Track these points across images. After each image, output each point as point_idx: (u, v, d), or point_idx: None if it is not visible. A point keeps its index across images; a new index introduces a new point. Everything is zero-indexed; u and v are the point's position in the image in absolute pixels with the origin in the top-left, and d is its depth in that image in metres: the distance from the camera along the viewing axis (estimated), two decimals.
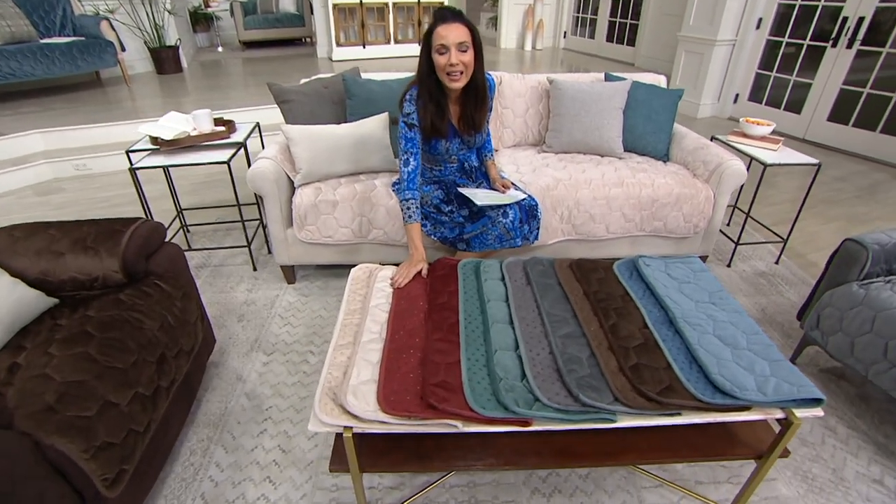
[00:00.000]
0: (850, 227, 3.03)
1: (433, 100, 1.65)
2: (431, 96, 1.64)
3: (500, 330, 1.27)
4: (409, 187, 1.66)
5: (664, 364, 1.19)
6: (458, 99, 1.73)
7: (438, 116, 1.67)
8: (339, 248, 2.17)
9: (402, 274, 1.48)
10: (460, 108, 1.75)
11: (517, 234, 1.85)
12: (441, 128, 1.69)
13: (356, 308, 1.40)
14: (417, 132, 1.66)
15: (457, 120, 1.77)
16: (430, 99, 1.64)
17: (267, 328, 2.03)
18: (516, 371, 1.15)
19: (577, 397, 1.07)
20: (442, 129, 1.70)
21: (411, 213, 1.66)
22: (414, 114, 1.65)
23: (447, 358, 1.17)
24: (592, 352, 1.22)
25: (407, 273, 1.49)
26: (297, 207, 2.03)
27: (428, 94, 1.64)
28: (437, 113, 1.66)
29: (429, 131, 1.69)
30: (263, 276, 2.38)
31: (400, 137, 1.67)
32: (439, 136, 1.72)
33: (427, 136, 1.71)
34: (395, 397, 1.06)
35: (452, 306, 1.36)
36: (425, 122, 1.66)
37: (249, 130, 2.40)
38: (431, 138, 1.73)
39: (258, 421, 1.60)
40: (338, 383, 1.13)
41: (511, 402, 1.04)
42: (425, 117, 1.66)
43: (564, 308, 1.36)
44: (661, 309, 1.39)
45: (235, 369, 1.81)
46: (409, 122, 1.65)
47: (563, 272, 1.52)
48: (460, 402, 1.05)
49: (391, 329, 1.27)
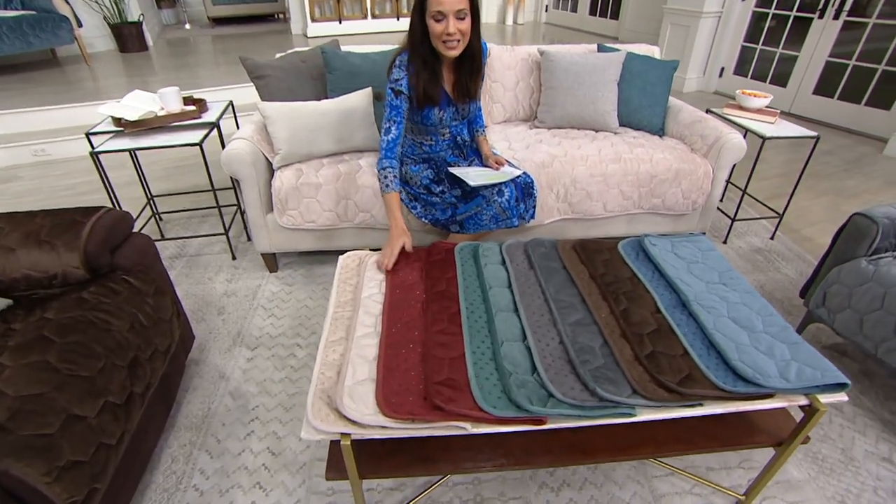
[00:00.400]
0: (840, 201, 3.01)
1: (427, 66, 1.52)
2: (425, 63, 1.52)
3: (504, 319, 1.18)
4: (388, 155, 1.55)
5: (681, 351, 1.11)
6: (452, 65, 1.61)
7: (432, 83, 1.55)
8: (323, 233, 2.05)
9: (387, 254, 1.38)
10: (454, 75, 1.63)
11: (513, 214, 1.75)
12: (434, 95, 1.57)
13: (347, 300, 1.29)
14: (404, 100, 1.54)
15: (450, 87, 1.65)
16: (424, 66, 1.52)
17: (250, 321, 1.91)
18: (526, 364, 1.06)
19: (593, 391, 0.99)
20: (435, 97, 1.58)
21: (389, 181, 1.55)
22: (403, 80, 1.52)
23: (450, 352, 1.08)
24: (605, 340, 1.14)
25: (391, 252, 1.38)
26: (276, 191, 1.89)
27: (421, 61, 1.51)
28: (431, 80, 1.54)
29: (421, 99, 1.57)
30: (243, 265, 2.24)
31: (385, 104, 1.55)
32: (432, 103, 1.60)
33: (420, 104, 1.59)
34: (397, 398, 0.97)
35: (452, 294, 1.26)
36: (417, 89, 1.54)
37: (222, 109, 2.23)
38: (424, 106, 1.61)
39: (244, 422, 1.49)
40: (331, 384, 1.03)
41: (524, 400, 0.96)
42: (417, 84, 1.53)
43: (571, 293, 1.28)
44: (673, 291, 1.32)
45: (217, 366, 1.69)
46: (396, 88, 1.52)
47: (566, 254, 1.43)
48: (468, 401, 0.96)
49: (387, 322, 1.17)
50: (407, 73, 1.53)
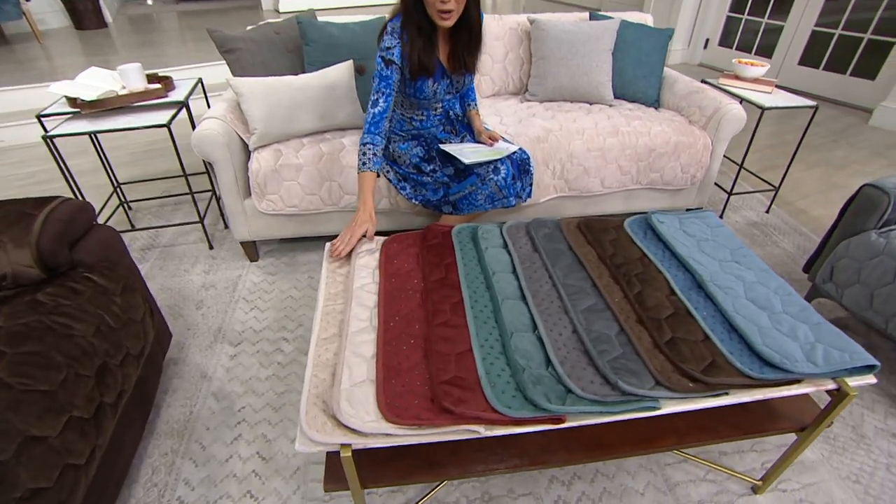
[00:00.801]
0: (831, 172, 2.98)
1: (422, 34, 1.39)
2: (420, 30, 1.39)
3: (512, 308, 1.08)
4: (372, 130, 1.43)
5: (701, 336, 1.04)
6: (447, 34, 1.48)
7: (427, 52, 1.42)
8: (306, 218, 1.92)
9: (345, 239, 1.29)
10: (450, 45, 1.50)
11: (510, 193, 1.65)
12: (429, 65, 1.44)
13: (337, 291, 1.18)
14: (395, 71, 1.41)
15: (445, 58, 1.52)
16: (419, 33, 1.39)
17: (231, 315, 1.78)
18: (539, 357, 0.97)
19: (615, 385, 0.91)
20: (430, 67, 1.45)
21: (368, 158, 1.43)
22: (396, 48, 1.39)
23: (456, 347, 0.98)
24: (621, 327, 1.06)
25: (350, 237, 1.29)
26: (254, 174, 1.75)
27: (416, 28, 1.38)
28: (426, 49, 1.41)
29: (416, 69, 1.44)
30: (222, 254, 2.10)
31: (374, 74, 1.41)
32: (427, 74, 1.47)
33: (413, 76, 1.46)
34: (400, 401, 0.87)
35: (452, 282, 1.16)
36: (412, 58, 1.41)
37: (191, 87, 2.06)
38: (418, 78, 1.48)
39: (230, 425, 1.38)
40: (326, 387, 0.93)
41: (541, 398, 0.87)
42: (412, 53, 1.40)
43: (581, 277, 1.19)
44: (686, 272, 1.24)
45: (198, 366, 1.57)
46: (387, 57, 1.39)
47: (571, 234, 1.34)
48: (480, 401, 0.87)
49: (383, 315, 1.06)
50: (400, 41, 1.39)
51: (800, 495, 1.26)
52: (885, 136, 3.52)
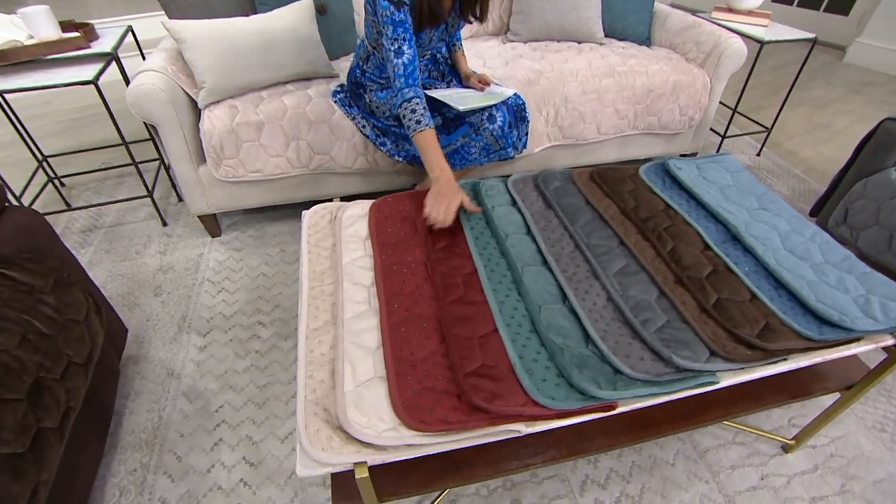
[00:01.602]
0: (813, 111, 2.92)
1: None
2: None
3: (535, 276, 0.93)
4: (410, 83, 1.16)
5: (748, 295, 0.92)
6: None
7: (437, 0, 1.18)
8: (273, 184, 1.68)
9: (440, 209, 1.02)
10: None
11: (507, 143, 1.46)
12: (440, 13, 1.20)
13: (324, 269, 0.99)
14: (407, 13, 1.14)
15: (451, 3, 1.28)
16: None
17: (196, 300, 1.57)
18: (576, 333, 0.83)
19: (668, 360, 0.78)
20: (441, 15, 1.21)
21: (419, 116, 1.16)
22: None
23: (477, 328, 0.82)
24: (661, 291, 0.92)
25: (447, 207, 1.03)
26: (207, 136, 1.50)
27: None
28: None
29: (425, 19, 1.19)
30: (178, 231, 1.85)
31: (385, 22, 1.14)
32: (435, 24, 1.23)
33: (420, 26, 1.21)
34: (421, 402, 0.71)
35: (460, 250, 0.99)
36: (421, 7, 1.17)
37: (119, 36, 1.74)
38: (424, 28, 1.23)
39: (208, 429, 1.20)
40: (326, 391, 0.75)
41: (590, 385, 0.73)
42: (422, 2, 1.16)
43: (606, 235, 1.04)
44: (717, 223, 1.11)
45: (163, 362, 1.37)
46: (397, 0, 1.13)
47: (586, 186, 1.18)
48: (517, 394, 0.72)
49: (385, 295, 0.89)
50: None
51: (830, 450, 1.21)
52: (861, 72, 3.48)
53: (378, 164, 1.67)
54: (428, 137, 1.15)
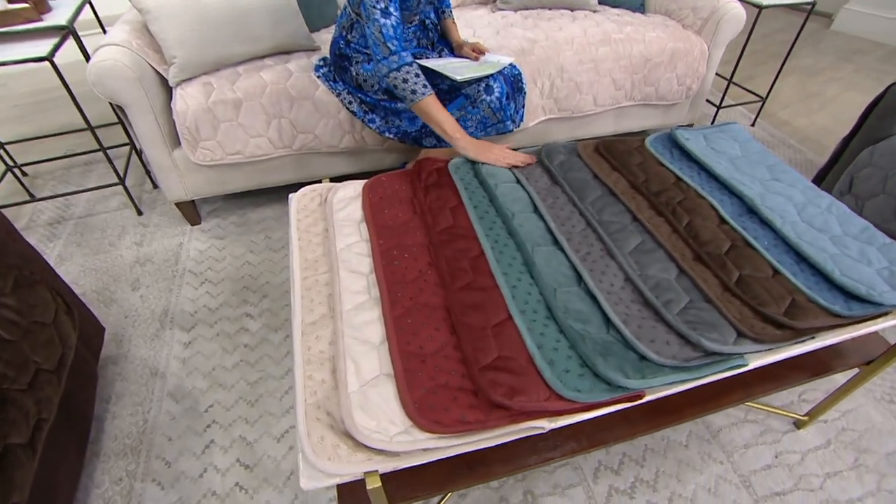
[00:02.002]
0: (805, 80, 2.88)
1: None
2: None
3: (546, 257, 0.86)
4: (400, 48, 1.08)
5: (770, 271, 0.87)
6: None
7: None
8: (255, 167, 1.58)
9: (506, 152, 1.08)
10: None
11: (506, 116, 1.38)
12: None
13: (316, 256, 0.91)
14: None
15: None
16: None
17: (178, 293, 1.47)
18: (596, 317, 0.77)
19: (697, 344, 0.72)
20: None
21: (416, 81, 1.10)
22: None
23: (489, 316, 0.76)
24: (680, 269, 0.86)
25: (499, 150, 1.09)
26: (180, 117, 1.38)
27: None
28: None
29: None
30: (154, 220, 1.74)
31: None
32: None
33: None
34: (434, 400, 0.65)
35: (465, 231, 0.92)
36: None
37: (76, 7, 1.59)
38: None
39: (198, 431, 1.13)
40: (327, 392, 0.68)
41: (617, 374, 0.67)
42: None
43: (617, 211, 0.97)
44: (731, 195, 1.05)
45: (145, 361, 1.28)
46: None
47: (592, 159, 1.11)
48: (538, 387, 0.66)
49: (386, 283, 0.81)
50: None
51: (841, 424, 1.19)
52: (849, 40, 3.44)
53: (366, 142, 1.57)
54: (433, 103, 1.09)
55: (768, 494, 1.05)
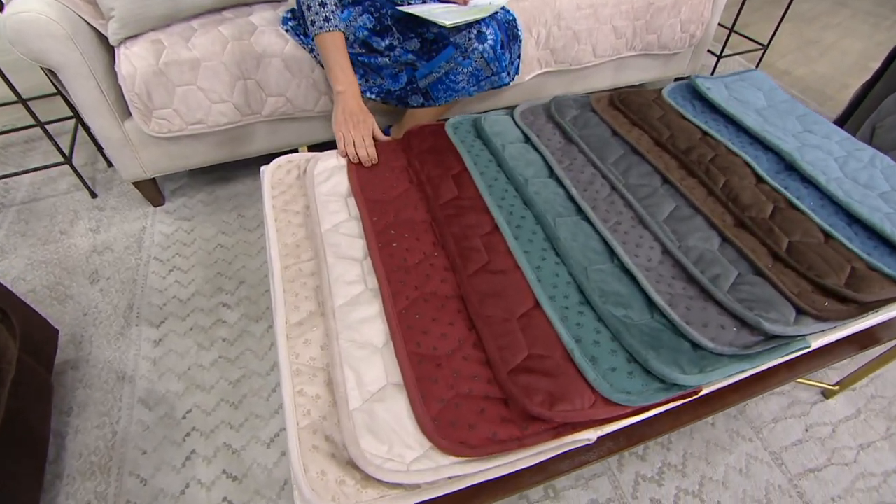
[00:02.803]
0: (804, 26, 2.75)
1: None
2: None
3: (571, 229, 0.73)
4: None
5: (821, 236, 0.76)
6: None
7: None
8: (221, 137, 1.40)
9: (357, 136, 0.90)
10: None
11: (500, 67, 1.22)
12: None
13: (298, 240, 0.77)
14: None
15: None
16: None
17: (143, 284, 1.31)
18: (636, 300, 0.65)
19: (756, 326, 0.62)
20: None
21: (330, 12, 0.97)
22: None
23: (514, 305, 0.63)
24: (723, 237, 0.75)
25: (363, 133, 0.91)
26: (127, 81, 1.19)
27: None
28: None
29: None
30: (111, 202, 1.55)
31: None
32: None
33: None
34: (457, 415, 0.53)
35: (472, 202, 0.78)
36: None
37: None
38: None
39: (176, 440, 1.00)
40: (324, 411, 0.56)
41: (672, 369, 0.56)
42: None
43: (644, 171, 0.85)
44: (765, 150, 0.94)
45: (110, 364, 1.13)
46: None
47: (609, 115, 0.97)
48: (582, 392, 0.55)
49: (384, 269, 0.68)
50: None
51: (870, 391, 1.12)
52: None
53: None
54: (336, 39, 0.98)
55: (802, 472, 0.98)
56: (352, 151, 0.87)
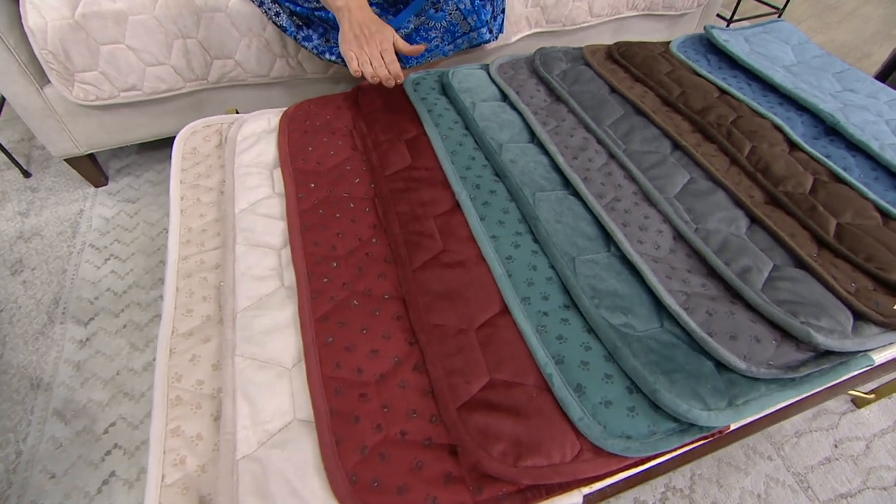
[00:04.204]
0: None
1: None
2: None
3: (555, 207, 0.56)
4: None
5: (878, 216, 0.60)
6: None
7: None
8: (162, 106, 1.22)
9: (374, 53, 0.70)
10: None
11: (479, 22, 1.04)
12: None
13: (205, 224, 0.60)
14: None
15: None
16: None
17: (73, 275, 1.15)
18: (640, 301, 0.48)
19: (804, 339, 0.45)
20: None
21: None
22: None
23: (472, 311, 0.47)
24: (752, 217, 0.58)
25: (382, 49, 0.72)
26: (37, 37, 1.00)
27: None
28: None
29: None
30: (47, 183, 1.38)
31: None
32: None
33: None
34: (381, 472, 0.37)
35: (428, 174, 0.61)
36: None
37: None
38: None
39: (94, 461, 0.85)
40: (204, 461, 0.40)
41: (691, 403, 0.40)
42: None
43: (649, 135, 0.68)
44: (799, 111, 0.76)
45: (24, 370, 0.97)
46: None
47: (605, 69, 0.79)
48: (562, 437, 0.39)
49: (306, 261, 0.51)
50: None
51: None
52: None
53: (304, 68, 1.21)
54: None
55: (832, 497, 0.83)
56: (369, 72, 0.68)
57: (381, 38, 0.72)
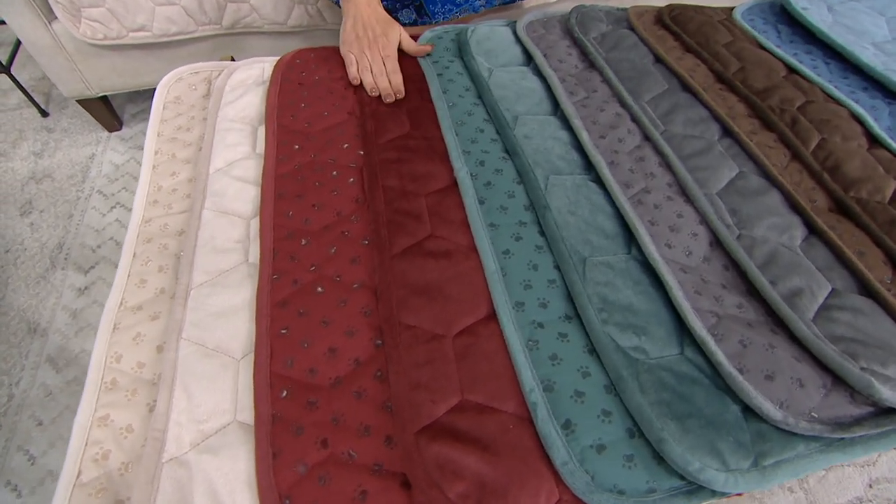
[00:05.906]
0: None
1: None
2: None
3: (569, 195, 0.48)
4: None
5: None
6: None
7: None
8: (175, 51, 1.16)
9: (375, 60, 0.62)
10: None
11: None
12: None
13: (175, 184, 0.54)
14: None
15: None
16: None
17: (80, 220, 1.13)
18: (660, 322, 0.40)
19: (863, 388, 0.36)
20: None
21: None
22: None
23: (453, 312, 0.39)
24: (811, 227, 0.48)
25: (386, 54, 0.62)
26: None
27: None
28: None
29: None
30: (63, 124, 1.35)
31: None
32: None
33: None
34: (319, 497, 0.31)
35: (427, 144, 0.53)
36: None
37: None
38: None
39: None
40: (129, 458, 0.35)
41: (704, 459, 0.32)
42: None
43: (695, 117, 0.57)
44: (888, 99, 0.63)
45: (23, 312, 0.97)
46: None
47: (652, 34, 0.68)
48: (536, 482, 0.32)
49: (273, 234, 0.45)
50: None
51: None
52: None
53: (324, 17, 1.13)
54: None
55: None
56: (368, 81, 0.60)
57: (386, 42, 0.62)
